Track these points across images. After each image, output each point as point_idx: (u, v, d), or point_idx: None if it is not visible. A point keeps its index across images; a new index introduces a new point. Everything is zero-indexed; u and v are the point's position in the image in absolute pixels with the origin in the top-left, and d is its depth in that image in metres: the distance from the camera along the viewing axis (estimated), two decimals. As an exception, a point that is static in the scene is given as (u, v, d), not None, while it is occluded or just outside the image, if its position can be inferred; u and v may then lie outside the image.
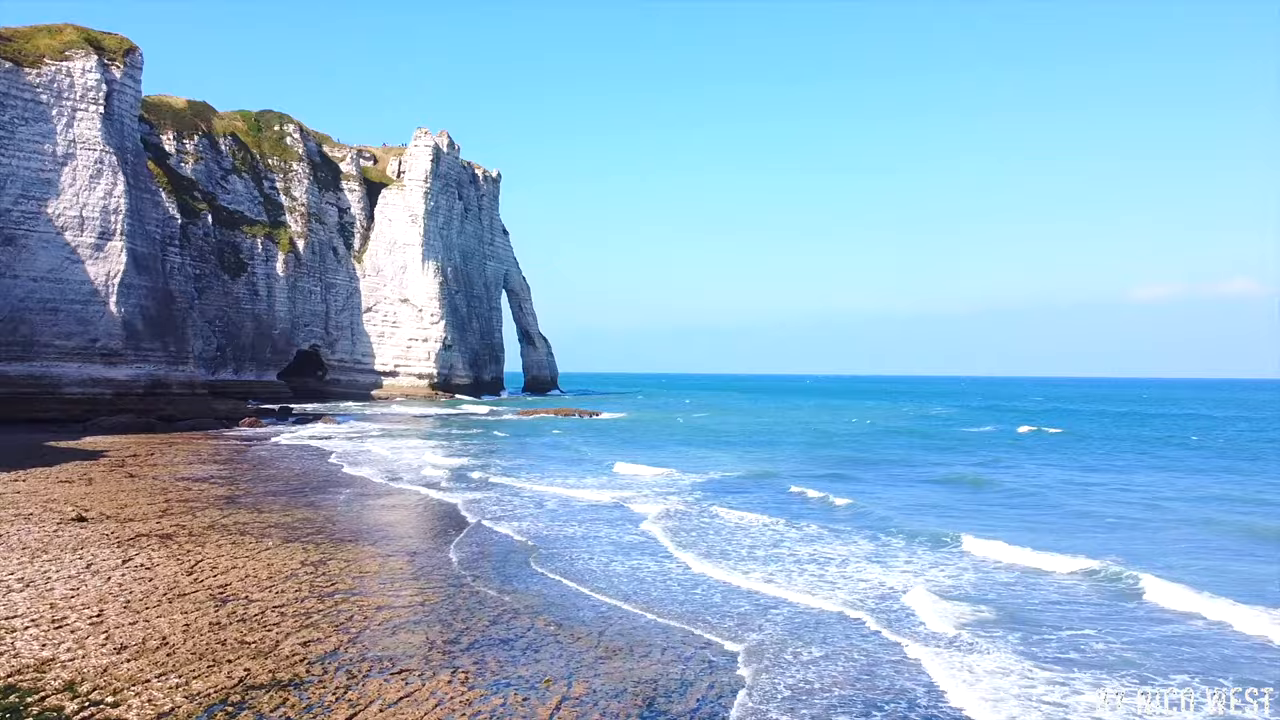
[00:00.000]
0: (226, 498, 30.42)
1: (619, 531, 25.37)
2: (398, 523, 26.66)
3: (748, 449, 53.89)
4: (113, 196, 59.04)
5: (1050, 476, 40.63)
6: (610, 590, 18.67)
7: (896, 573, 20.17)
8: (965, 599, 17.90)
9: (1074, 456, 51.15)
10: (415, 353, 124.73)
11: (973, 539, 23.21)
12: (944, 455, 51.22)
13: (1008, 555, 21.69)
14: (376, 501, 30.55)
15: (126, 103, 62.07)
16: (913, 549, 22.81)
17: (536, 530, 25.44)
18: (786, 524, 26.22)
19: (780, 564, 20.98)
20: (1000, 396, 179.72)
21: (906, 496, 33.57)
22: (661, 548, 22.87)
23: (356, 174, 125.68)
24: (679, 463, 44.14)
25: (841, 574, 20.06)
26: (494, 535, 24.71)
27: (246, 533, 24.03)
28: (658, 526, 25.37)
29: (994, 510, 30.29)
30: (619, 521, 27.02)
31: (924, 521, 26.84)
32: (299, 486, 33.79)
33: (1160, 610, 17.07)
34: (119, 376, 59.40)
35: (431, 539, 24.07)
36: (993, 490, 35.42)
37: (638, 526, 25.85)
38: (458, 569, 20.41)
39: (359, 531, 24.72)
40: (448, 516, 27.81)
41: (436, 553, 22.14)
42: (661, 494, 32.67)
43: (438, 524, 26.43)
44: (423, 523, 26.77)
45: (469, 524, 26.29)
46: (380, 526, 25.71)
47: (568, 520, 27.30)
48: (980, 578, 19.81)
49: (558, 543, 23.70)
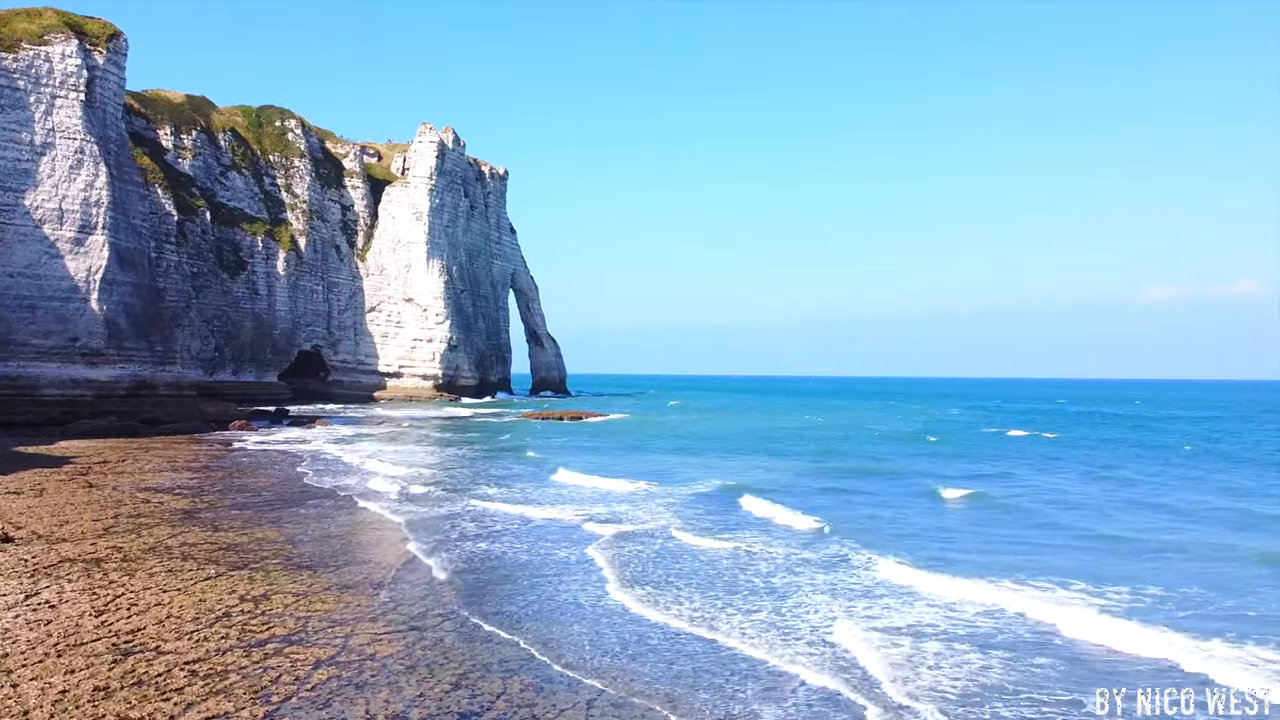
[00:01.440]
0: (184, 512, 27.31)
1: (568, 555, 22.11)
2: (366, 545, 23.47)
3: (746, 456, 50.31)
4: (94, 188, 56.08)
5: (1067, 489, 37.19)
6: (581, 664, 15.44)
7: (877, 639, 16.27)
8: (958, 672, 14.57)
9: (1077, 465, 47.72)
10: (420, 353, 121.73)
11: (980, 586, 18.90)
12: (957, 464, 47.78)
13: (1012, 602, 17.40)
14: (348, 519, 27.38)
15: (110, 90, 59.13)
16: (909, 599, 18.13)
17: (498, 557, 22.24)
18: (762, 554, 22.62)
19: (733, 609, 17.14)
20: (1000, 398, 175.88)
21: (918, 518, 30.18)
22: (603, 582, 19.28)
23: (360, 171, 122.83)
24: (679, 473, 40.73)
25: (809, 623, 16.58)
26: (452, 564, 21.52)
27: (191, 557, 20.90)
28: (605, 556, 21.65)
29: (1011, 537, 26.89)
30: (575, 541, 23.74)
31: (926, 553, 23.32)
32: (269, 499, 30.66)
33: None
34: (101, 377, 56.45)
35: (398, 567, 20.88)
36: (1002, 510, 31.95)
37: (586, 552, 22.20)
38: (420, 607, 17.20)
39: (320, 557, 21.54)
40: (422, 536, 24.63)
41: (400, 584, 18.95)
42: (632, 511, 29.15)
43: (406, 548, 23.24)
44: (390, 547, 23.57)
45: (434, 549, 23.12)
46: (345, 551, 22.52)
47: (537, 542, 24.09)
48: (951, 623, 16.45)
49: (518, 576, 20.50)
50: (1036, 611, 16.79)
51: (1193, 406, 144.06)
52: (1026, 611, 16.87)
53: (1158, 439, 68.12)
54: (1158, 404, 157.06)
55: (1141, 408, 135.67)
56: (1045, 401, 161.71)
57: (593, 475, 37.74)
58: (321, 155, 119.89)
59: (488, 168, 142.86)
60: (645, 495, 33.02)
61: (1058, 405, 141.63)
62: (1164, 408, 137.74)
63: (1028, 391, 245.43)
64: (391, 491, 32.76)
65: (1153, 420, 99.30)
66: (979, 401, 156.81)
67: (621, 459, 47.38)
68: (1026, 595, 17.98)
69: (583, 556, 21.89)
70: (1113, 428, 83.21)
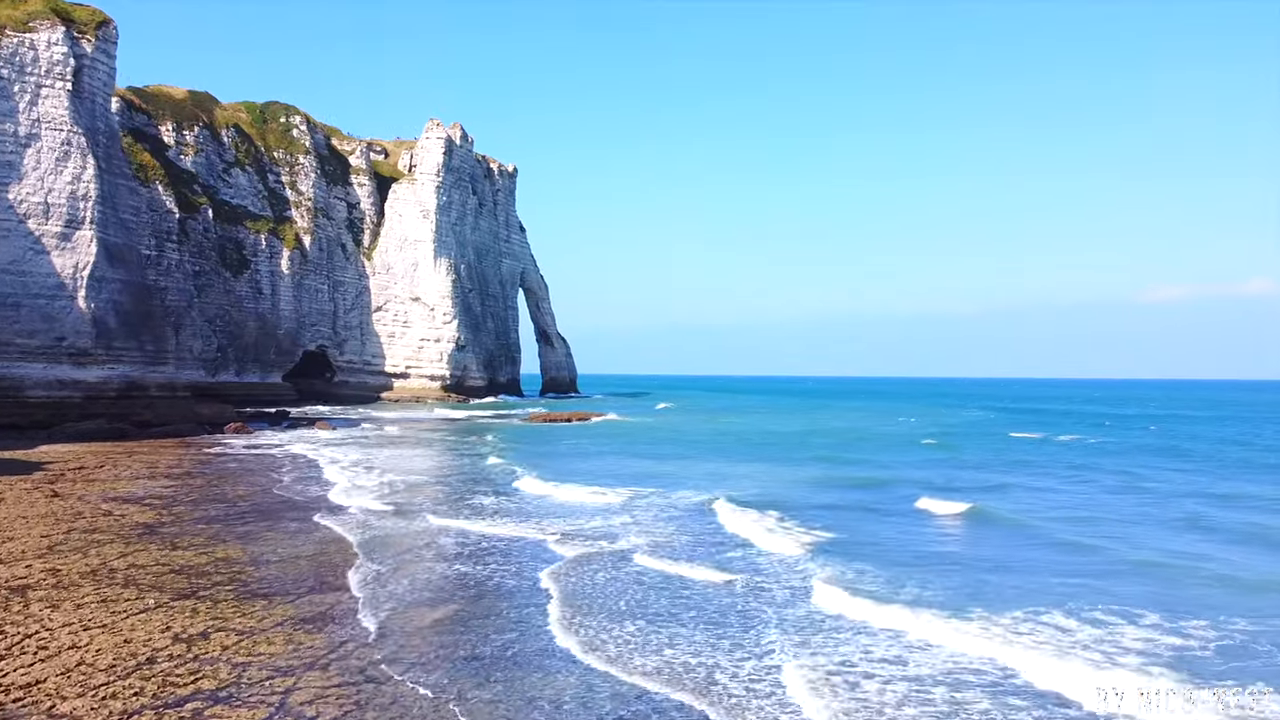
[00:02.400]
0: (145, 527, 24.84)
1: (523, 584, 19.26)
2: (334, 569, 20.88)
3: (744, 463, 47.18)
4: (81, 181, 53.79)
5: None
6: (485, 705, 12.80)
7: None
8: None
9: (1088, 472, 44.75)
10: (427, 354, 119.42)
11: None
12: (977, 474, 44.91)
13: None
14: (320, 537, 24.82)
15: (99, 80, 56.84)
16: (897, 655, 14.93)
17: (451, 588, 19.63)
18: (730, 585, 19.56)
19: (678, 653, 14.56)
20: (1006, 399, 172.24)
21: (924, 540, 27.39)
22: (548, 625, 16.28)
23: (366, 168, 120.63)
24: (671, 481, 37.71)
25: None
26: (405, 596, 18.94)
27: (134, 582, 18.38)
28: (560, 587, 18.79)
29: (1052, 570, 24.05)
30: (542, 560, 21.10)
31: (936, 590, 20.51)
32: (243, 511, 28.16)
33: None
34: (89, 378, 54.17)
35: (362, 599, 18.33)
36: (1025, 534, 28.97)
37: (541, 585, 19.10)
38: (369, 652, 14.62)
39: (281, 582, 18.98)
40: (383, 559, 22.08)
41: (360, 615, 16.39)
42: (606, 526, 26.35)
43: (367, 571, 20.68)
44: (356, 571, 21.00)
45: (389, 574, 20.57)
46: (311, 575, 19.94)
47: (497, 569, 21.47)
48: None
49: (466, 615, 17.88)
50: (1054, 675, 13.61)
51: (1207, 407, 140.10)
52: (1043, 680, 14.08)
53: (1182, 443, 64.92)
54: (1170, 404, 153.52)
55: (1156, 408, 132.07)
56: (1055, 402, 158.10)
57: (578, 485, 34.70)
58: (327, 152, 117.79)
59: (496, 164, 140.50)
60: (624, 507, 29.82)
61: (1070, 406, 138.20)
62: (1177, 408, 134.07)
63: (1032, 392, 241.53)
64: (368, 506, 29.57)
65: (1164, 419, 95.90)
66: (987, 402, 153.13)
67: (616, 464, 44.33)
68: (1077, 659, 15.03)
69: (536, 588, 18.86)
70: (1132, 431, 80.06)
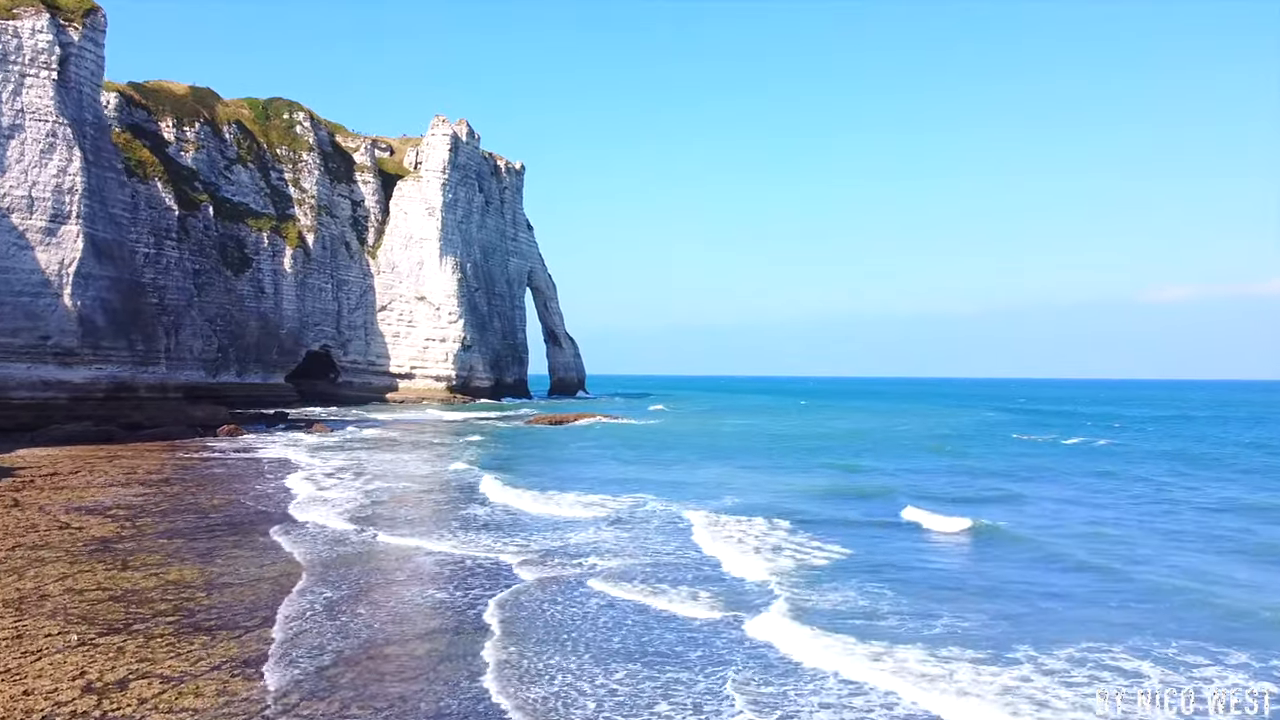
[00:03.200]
0: (101, 542, 22.82)
1: (465, 620, 17.12)
2: (289, 595, 18.79)
3: (749, 472, 44.59)
4: (67, 174, 51.97)
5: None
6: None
7: None
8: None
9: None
10: (432, 354, 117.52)
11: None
12: (1004, 482, 42.48)
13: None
14: (287, 555, 22.77)
15: (86, 69, 55.01)
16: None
17: (397, 618, 17.50)
18: (689, 618, 17.26)
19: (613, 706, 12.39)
20: (1013, 399, 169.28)
21: (927, 566, 24.94)
22: (484, 669, 14.01)
23: (371, 165, 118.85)
24: (670, 492, 35.45)
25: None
26: (350, 633, 16.81)
27: (64, 611, 16.33)
28: (500, 621, 16.55)
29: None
30: (494, 584, 18.95)
31: (946, 633, 18.18)
32: (214, 524, 26.13)
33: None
34: (75, 379, 52.33)
35: (279, 639, 16.23)
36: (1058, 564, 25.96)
37: (484, 618, 16.76)
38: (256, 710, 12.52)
39: (232, 613, 16.89)
40: (338, 585, 20.00)
41: (267, 666, 14.29)
42: (575, 542, 24.29)
43: (315, 600, 18.60)
44: (307, 599, 18.91)
45: (339, 604, 18.46)
46: (268, 604, 17.85)
47: (448, 597, 19.35)
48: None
49: (398, 656, 15.73)
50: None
51: (1215, 408, 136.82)
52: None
53: (1199, 447, 62.22)
54: (1178, 405, 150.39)
55: (1164, 409, 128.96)
56: (1061, 403, 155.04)
57: (566, 494, 32.48)
58: (331, 149, 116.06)
59: (503, 162, 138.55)
60: (608, 521, 27.13)
61: (1076, 408, 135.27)
62: (1186, 409, 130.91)
63: (1035, 392, 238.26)
64: (330, 523, 26.45)
65: (1172, 420, 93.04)
66: (991, 403, 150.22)
67: (612, 471, 41.57)
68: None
69: (479, 621, 16.52)
70: (1145, 433, 77.42)
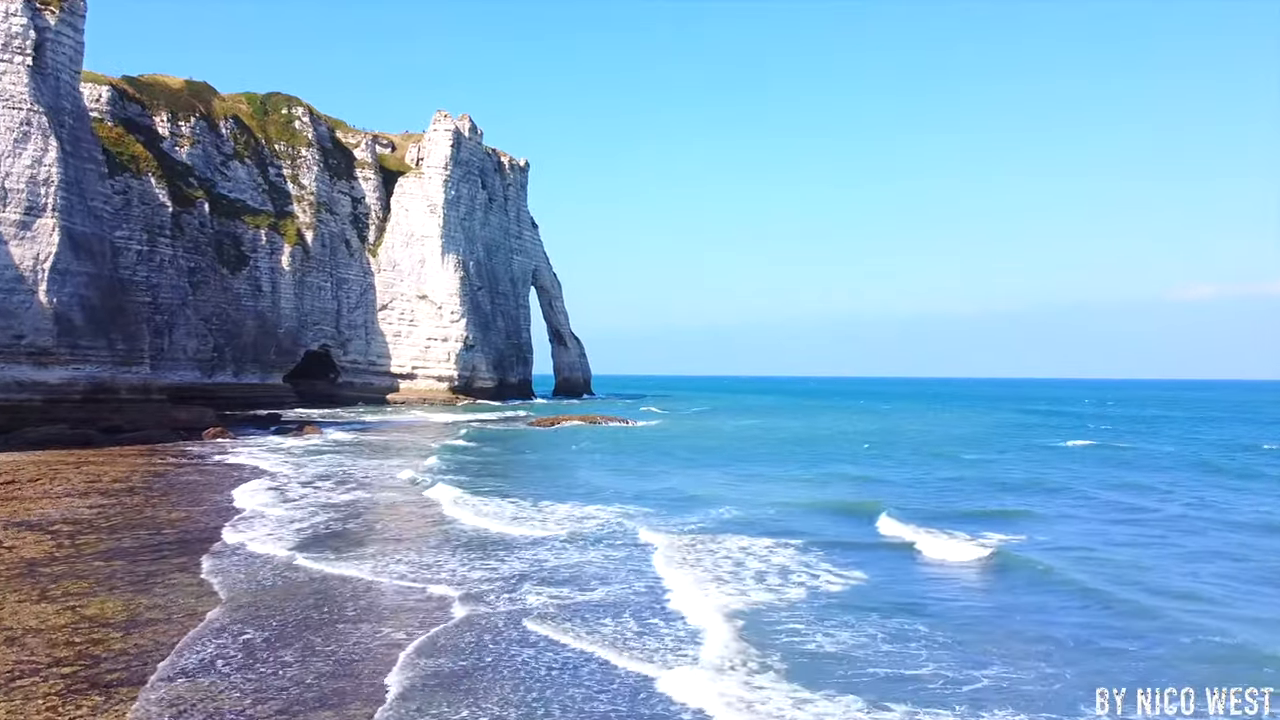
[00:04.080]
0: (29, 564, 20.32)
1: (356, 687, 14.53)
2: (186, 638, 16.21)
3: (750, 482, 42.32)
4: (43, 165, 49.61)
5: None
6: None
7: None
8: None
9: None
10: (434, 353, 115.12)
11: None
12: (1015, 496, 39.63)
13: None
14: (222, 583, 20.24)
15: (64, 56, 52.65)
16: None
17: (290, 676, 14.88)
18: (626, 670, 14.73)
19: None
20: (1019, 399, 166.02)
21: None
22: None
23: (372, 161, 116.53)
24: (664, 505, 32.61)
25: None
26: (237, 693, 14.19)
27: (-54, 656, 13.78)
28: (396, 683, 13.35)
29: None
30: (407, 625, 16.33)
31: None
32: (164, 543, 23.59)
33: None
34: (50, 379, 49.96)
35: (155, 698, 13.64)
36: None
37: (385, 681, 13.69)
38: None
39: (143, 661, 14.30)
40: (253, 627, 17.43)
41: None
42: (532, 571, 21.43)
43: (197, 656, 16.01)
44: (207, 648, 16.34)
45: (230, 654, 15.84)
46: (168, 646, 15.28)
47: (359, 641, 16.73)
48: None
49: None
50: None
51: (1223, 409, 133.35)
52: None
53: (1225, 458, 59.04)
54: (1186, 405, 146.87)
55: (1176, 409, 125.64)
56: (1067, 404, 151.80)
57: (525, 507, 29.49)
58: (331, 145, 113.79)
59: (507, 158, 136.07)
60: (552, 542, 23.64)
61: (1085, 408, 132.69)
62: (1199, 409, 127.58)
63: (1037, 393, 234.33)
64: (285, 543, 23.41)
65: (1187, 422, 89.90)
66: (1005, 404, 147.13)
67: (607, 481, 37.78)
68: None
69: (380, 689, 13.44)
70: (1173, 437, 74.35)
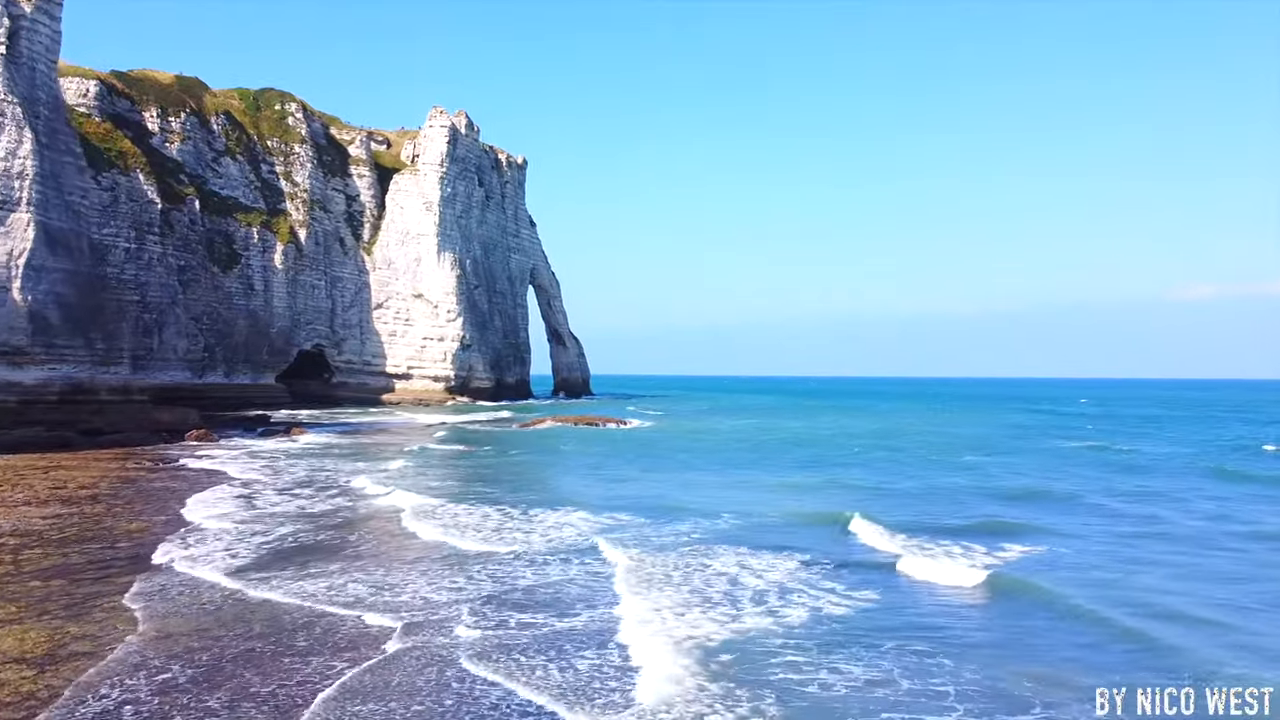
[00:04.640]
0: (-42, 583, 18.53)
1: (304, 692, 12.81)
2: (88, 672, 14.41)
3: (750, 489, 40.57)
4: (17, 157, 47.86)
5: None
6: None
7: None
8: None
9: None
10: (430, 353, 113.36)
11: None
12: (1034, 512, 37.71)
13: None
14: (132, 614, 18.47)
15: (40, 45, 50.91)
16: None
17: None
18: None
19: None
20: (1025, 399, 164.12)
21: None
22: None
23: (367, 158, 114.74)
24: (657, 514, 30.72)
25: None
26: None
27: None
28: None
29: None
30: (333, 661, 14.53)
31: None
32: (113, 559, 21.80)
33: None
34: (25, 380, 48.21)
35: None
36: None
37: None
38: None
39: (53, 697, 12.51)
40: (179, 665, 15.62)
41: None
42: (488, 593, 19.78)
43: (145, 687, 14.22)
44: (115, 690, 14.54)
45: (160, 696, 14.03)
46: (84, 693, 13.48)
47: (290, 673, 14.93)
48: None
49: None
50: None
51: (1230, 409, 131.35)
52: None
53: (1240, 461, 57.09)
54: (1188, 405, 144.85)
55: (1182, 409, 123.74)
56: (1071, 404, 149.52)
57: (495, 518, 27.28)
58: (325, 141, 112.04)
59: (504, 156, 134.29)
60: (515, 560, 21.34)
61: (1088, 408, 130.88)
62: (1203, 409, 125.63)
63: (1039, 393, 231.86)
64: (206, 573, 21.19)
65: (1194, 421, 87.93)
66: (1008, 404, 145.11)
67: (574, 488, 35.25)
68: None
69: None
70: (1190, 439, 72.45)
